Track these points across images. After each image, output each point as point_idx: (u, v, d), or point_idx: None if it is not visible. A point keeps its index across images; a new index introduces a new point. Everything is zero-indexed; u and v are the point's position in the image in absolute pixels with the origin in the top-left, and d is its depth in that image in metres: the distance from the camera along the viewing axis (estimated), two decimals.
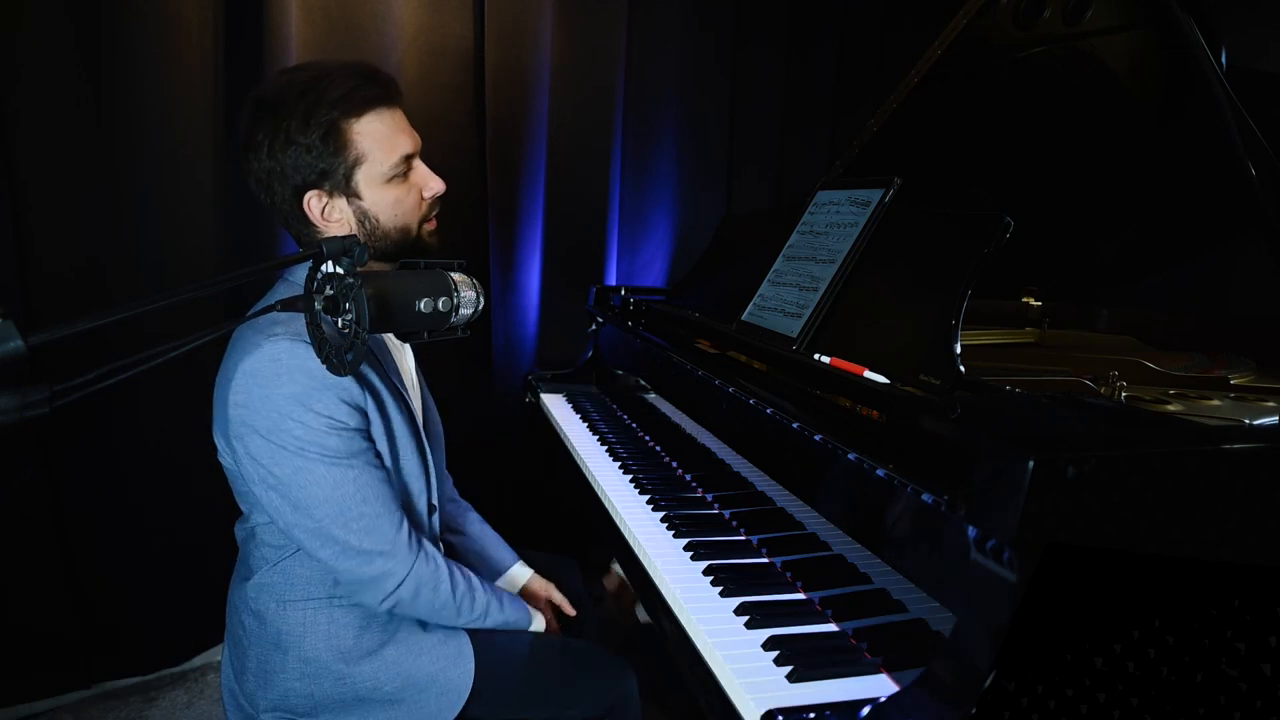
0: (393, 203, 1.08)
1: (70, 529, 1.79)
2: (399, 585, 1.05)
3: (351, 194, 1.06)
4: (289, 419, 0.96)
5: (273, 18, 1.84)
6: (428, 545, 1.10)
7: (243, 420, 0.98)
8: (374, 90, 1.03)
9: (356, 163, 1.04)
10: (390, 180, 1.07)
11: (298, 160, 1.02)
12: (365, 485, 1.02)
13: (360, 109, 1.02)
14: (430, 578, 1.08)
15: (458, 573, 1.13)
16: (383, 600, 1.06)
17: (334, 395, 0.98)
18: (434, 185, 1.12)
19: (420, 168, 1.12)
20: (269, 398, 0.96)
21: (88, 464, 1.79)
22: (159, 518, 1.88)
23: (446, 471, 1.40)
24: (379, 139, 1.04)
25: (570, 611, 1.32)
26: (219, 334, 0.90)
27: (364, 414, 1.04)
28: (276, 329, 0.98)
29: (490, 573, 1.35)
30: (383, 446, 1.07)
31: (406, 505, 1.13)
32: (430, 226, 1.15)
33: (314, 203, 1.05)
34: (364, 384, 1.04)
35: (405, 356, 1.21)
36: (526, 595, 1.34)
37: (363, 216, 1.07)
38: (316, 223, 1.07)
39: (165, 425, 1.84)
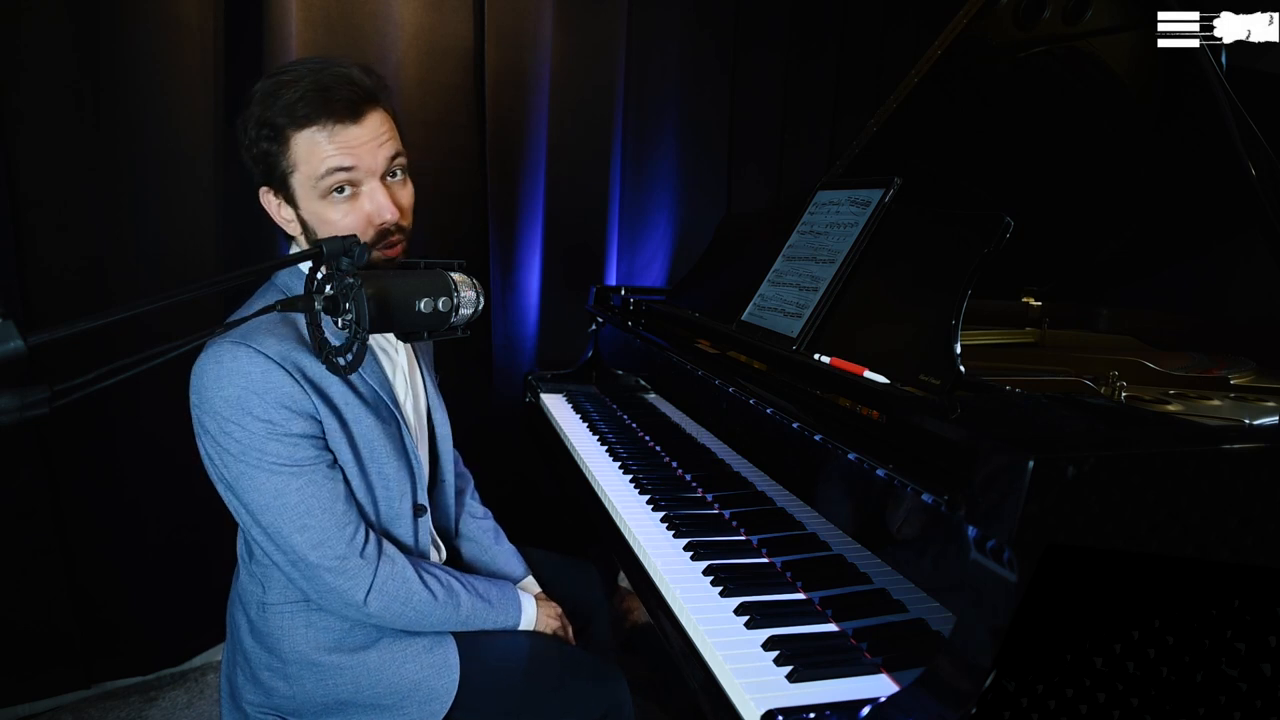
0: (324, 220, 1.04)
1: (70, 529, 1.79)
2: (364, 601, 1.04)
3: (291, 200, 1.05)
4: (230, 422, 0.97)
5: (273, 18, 1.84)
6: (391, 554, 1.07)
7: (197, 419, 0.99)
8: (322, 104, 1.00)
9: (290, 170, 1.03)
10: (325, 196, 1.03)
11: (249, 154, 1.04)
12: (311, 496, 1.00)
13: (302, 123, 1.00)
14: (398, 590, 1.06)
15: (433, 579, 1.10)
16: (353, 615, 1.06)
17: (272, 400, 0.97)
18: (383, 215, 1.05)
19: (373, 194, 1.04)
20: (211, 400, 0.97)
21: (88, 464, 1.79)
22: (159, 517, 1.88)
23: (468, 472, 1.40)
24: (310, 151, 1.01)
25: (570, 643, 1.29)
26: (218, 334, 0.90)
27: (312, 419, 1.01)
28: (231, 330, 0.95)
29: None
30: (345, 452, 1.05)
31: (383, 508, 1.11)
32: (388, 254, 1.08)
33: (270, 198, 1.07)
34: (314, 388, 1.01)
35: (398, 354, 1.20)
36: None
37: (304, 226, 1.07)
38: (274, 217, 1.09)
39: (165, 425, 1.83)
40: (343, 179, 1.02)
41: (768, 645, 0.92)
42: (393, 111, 1.09)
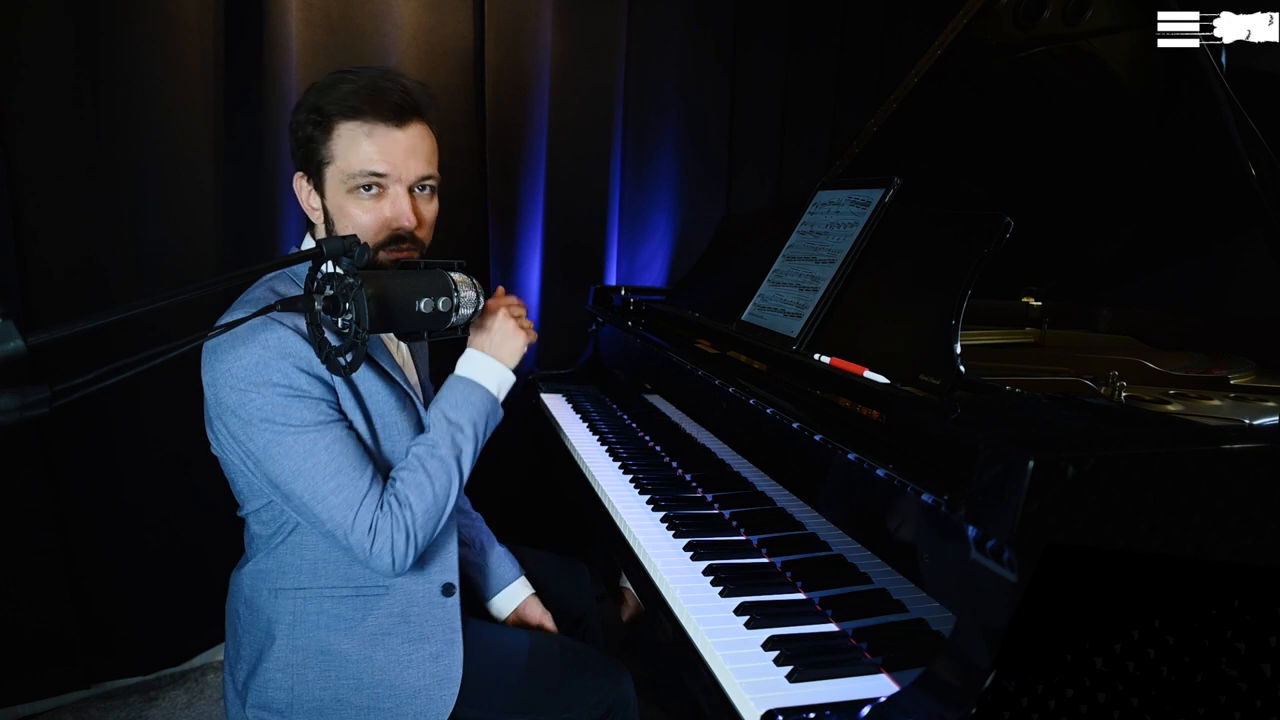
0: (345, 214, 1.07)
1: (70, 528, 1.79)
2: (391, 545, 1.00)
3: (320, 189, 1.09)
4: (250, 391, 0.97)
5: (273, 18, 1.84)
6: (390, 501, 1.03)
7: (215, 399, 0.99)
8: (373, 101, 1.04)
9: (327, 159, 1.06)
10: (352, 190, 1.06)
11: (294, 137, 1.08)
12: (340, 453, 1.00)
13: (349, 114, 1.04)
14: (420, 499, 1.03)
15: (417, 462, 1.06)
16: (399, 558, 1.02)
17: (290, 364, 0.98)
18: (401, 221, 1.08)
19: (397, 199, 1.07)
20: (229, 371, 0.97)
21: (88, 463, 1.79)
22: (159, 517, 1.88)
23: None
24: (350, 146, 1.05)
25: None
26: (218, 334, 0.90)
27: (328, 385, 1.02)
28: (236, 309, 1.00)
29: (492, 587, 1.34)
30: (358, 418, 1.06)
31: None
32: (394, 256, 1.10)
33: (302, 182, 1.10)
34: None
35: (399, 349, 1.21)
36: (520, 616, 1.33)
37: (325, 216, 1.10)
38: (302, 203, 1.12)
39: (165, 425, 1.84)
40: (372, 181, 1.06)
41: (768, 645, 0.92)
42: (436, 134, 1.13)
